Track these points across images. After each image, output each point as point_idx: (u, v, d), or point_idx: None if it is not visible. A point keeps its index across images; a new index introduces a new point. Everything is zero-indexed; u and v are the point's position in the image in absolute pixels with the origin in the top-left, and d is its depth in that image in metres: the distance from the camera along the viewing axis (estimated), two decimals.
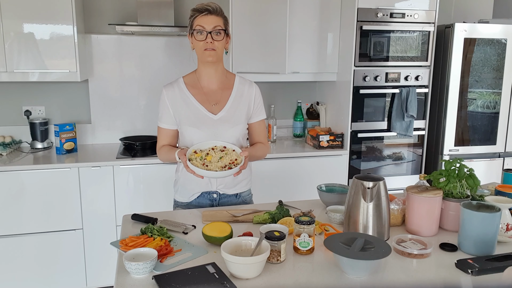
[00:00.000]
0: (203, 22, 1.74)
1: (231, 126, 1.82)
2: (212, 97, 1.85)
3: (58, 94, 3.20)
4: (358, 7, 2.97)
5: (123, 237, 1.49)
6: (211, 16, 1.75)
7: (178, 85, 1.86)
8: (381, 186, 1.45)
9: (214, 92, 1.85)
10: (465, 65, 3.15)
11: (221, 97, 1.85)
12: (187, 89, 1.85)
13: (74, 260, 2.80)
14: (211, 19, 1.74)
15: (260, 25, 3.04)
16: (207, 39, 1.74)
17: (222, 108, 1.83)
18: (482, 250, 1.36)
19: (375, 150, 3.24)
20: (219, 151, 1.73)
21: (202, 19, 1.75)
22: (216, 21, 1.75)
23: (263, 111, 1.94)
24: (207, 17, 1.74)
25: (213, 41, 1.74)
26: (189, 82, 1.87)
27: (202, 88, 1.86)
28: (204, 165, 1.67)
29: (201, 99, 1.84)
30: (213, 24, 1.74)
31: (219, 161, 1.68)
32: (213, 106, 1.83)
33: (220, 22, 1.77)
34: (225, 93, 1.86)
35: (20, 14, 2.69)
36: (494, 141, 3.33)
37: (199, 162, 1.68)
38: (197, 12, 1.76)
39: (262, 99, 1.94)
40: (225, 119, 1.82)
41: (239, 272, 1.21)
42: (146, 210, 2.77)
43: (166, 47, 3.29)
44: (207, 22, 1.74)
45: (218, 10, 1.78)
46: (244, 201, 1.95)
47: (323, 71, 3.25)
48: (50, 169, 2.67)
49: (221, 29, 1.76)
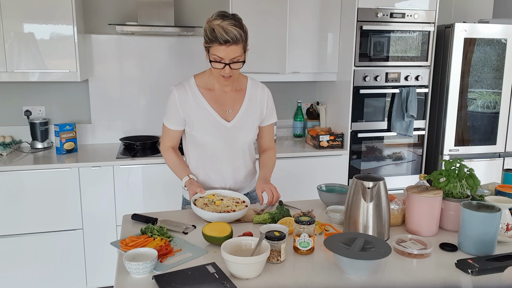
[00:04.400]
0: (222, 54, 1.59)
1: (244, 134, 1.81)
2: (225, 101, 1.79)
3: (58, 94, 3.20)
4: (358, 7, 2.97)
5: (123, 237, 1.49)
6: (231, 47, 1.57)
7: (190, 87, 1.78)
8: (381, 186, 1.45)
9: (227, 95, 1.80)
10: (465, 65, 3.15)
11: (234, 102, 1.80)
12: (199, 92, 1.77)
13: (74, 260, 2.80)
14: (231, 50, 1.58)
15: (260, 25, 3.04)
16: (225, 69, 1.62)
17: (235, 115, 1.79)
18: (482, 250, 1.36)
19: (375, 150, 3.24)
20: (234, 201, 1.72)
21: (221, 50, 1.58)
22: (236, 51, 1.59)
23: (274, 115, 1.92)
24: (227, 49, 1.58)
25: (231, 70, 1.64)
26: (201, 83, 1.78)
27: (215, 90, 1.79)
28: (205, 204, 1.66)
29: (214, 104, 1.77)
30: (233, 55, 1.60)
31: (221, 205, 1.68)
32: (227, 113, 1.78)
33: (239, 51, 1.60)
34: (238, 97, 1.81)
35: (20, 14, 2.69)
36: (494, 141, 3.33)
37: (202, 200, 1.69)
38: (216, 42, 1.57)
39: (273, 102, 1.91)
40: (238, 126, 1.80)
41: (239, 272, 1.21)
42: (146, 210, 2.77)
43: (166, 47, 3.29)
44: (227, 54, 1.59)
45: (239, 38, 1.57)
46: (253, 198, 1.97)
47: (323, 71, 3.25)
48: (50, 169, 2.67)
49: (241, 59, 1.63)
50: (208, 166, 1.85)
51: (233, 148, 1.82)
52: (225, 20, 1.58)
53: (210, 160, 1.83)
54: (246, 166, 1.90)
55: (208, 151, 1.81)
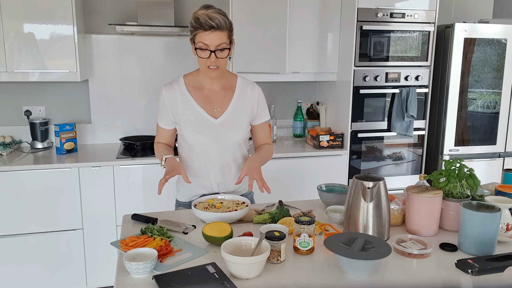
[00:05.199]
0: (207, 40, 1.61)
1: (233, 131, 1.79)
2: (213, 99, 1.80)
3: (58, 94, 3.20)
4: (358, 7, 2.97)
5: (123, 237, 1.49)
6: (216, 33, 1.60)
7: (178, 86, 1.81)
8: (381, 186, 1.45)
9: (215, 93, 1.80)
10: (465, 65, 3.15)
11: (223, 100, 1.80)
12: (187, 90, 1.79)
13: (74, 260, 2.80)
14: (215, 36, 1.61)
15: (260, 25, 3.04)
16: (211, 57, 1.64)
17: (223, 112, 1.79)
18: (482, 250, 1.36)
19: (375, 150, 3.24)
20: (234, 203, 1.71)
21: (206, 37, 1.61)
22: (220, 38, 1.62)
23: (267, 113, 1.91)
24: (211, 34, 1.60)
25: (217, 59, 1.65)
26: (190, 82, 1.81)
27: (204, 89, 1.80)
28: (206, 208, 1.66)
29: (202, 102, 1.79)
30: (218, 42, 1.62)
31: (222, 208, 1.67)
32: (215, 110, 1.79)
33: (224, 38, 1.63)
34: (227, 95, 1.81)
35: (20, 14, 2.69)
36: (494, 141, 3.33)
37: (202, 205, 1.69)
38: (201, 28, 1.61)
39: (265, 100, 1.90)
40: (226, 123, 1.79)
41: (239, 272, 1.21)
42: (146, 210, 2.77)
43: (166, 47, 3.29)
44: (212, 40, 1.61)
45: (223, 24, 1.61)
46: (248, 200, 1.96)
47: (323, 71, 3.25)
48: (50, 169, 2.67)
49: (226, 47, 1.64)
50: (198, 165, 1.83)
51: (223, 147, 1.80)
52: (209, 9, 1.63)
53: (200, 159, 1.82)
54: (237, 165, 1.87)
55: (198, 149, 1.81)
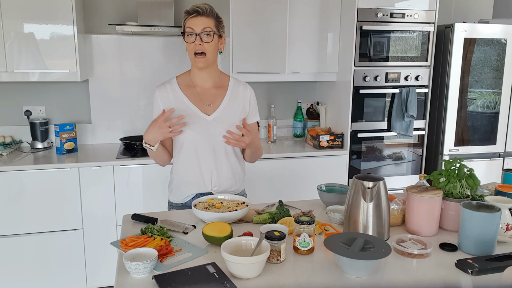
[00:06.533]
0: (192, 24, 1.72)
1: (225, 128, 1.79)
2: (206, 97, 1.83)
3: (58, 94, 3.20)
4: (358, 7, 2.97)
5: (123, 237, 1.49)
6: (201, 18, 1.72)
7: (171, 85, 1.85)
8: (381, 186, 1.45)
9: (208, 91, 1.83)
10: (465, 65, 3.15)
11: (215, 97, 1.83)
12: (180, 89, 1.83)
13: (74, 260, 2.80)
14: (200, 20, 1.72)
15: (260, 25, 3.04)
16: (196, 41, 1.72)
17: (216, 109, 1.81)
18: (482, 250, 1.36)
19: (375, 150, 3.24)
20: (234, 203, 1.71)
21: (191, 21, 1.72)
22: (205, 23, 1.72)
23: (257, 113, 1.94)
24: (196, 18, 1.72)
25: (202, 43, 1.72)
26: (182, 82, 1.85)
27: (196, 87, 1.84)
28: (206, 208, 1.66)
29: (194, 99, 1.82)
30: (202, 25, 1.71)
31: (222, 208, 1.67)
32: (207, 107, 1.81)
33: (210, 24, 1.73)
34: (220, 93, 1.84)
35: (20, 14, 2.69)
36: (494, 141, 3.33)
37: (202, 205, 1.69)
38: (187, 14, 1.74)
39: (256, 101, 1.93)
40: (219, 120, 1.81)
41: (239, 272, 1.21)
42: (146, 210, 2.77)
43: (166, 47, 3.29)
44: (197, 24, 1.71)
45: (208, 11, 1.74)
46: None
47: (323, 71, 3.25)
48: (50, 169, 2.67)
49: (211, 31, 1.73)
50: (191, 162, 1.83)
51: (216, 143, 1.81)
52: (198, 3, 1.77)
53: (192, 156, 1.83)
54: (230, 164, 1.87)
55: (190, 146, 1.81)
